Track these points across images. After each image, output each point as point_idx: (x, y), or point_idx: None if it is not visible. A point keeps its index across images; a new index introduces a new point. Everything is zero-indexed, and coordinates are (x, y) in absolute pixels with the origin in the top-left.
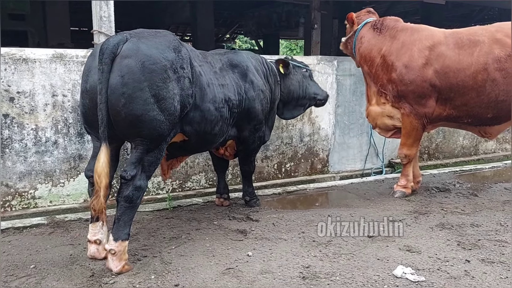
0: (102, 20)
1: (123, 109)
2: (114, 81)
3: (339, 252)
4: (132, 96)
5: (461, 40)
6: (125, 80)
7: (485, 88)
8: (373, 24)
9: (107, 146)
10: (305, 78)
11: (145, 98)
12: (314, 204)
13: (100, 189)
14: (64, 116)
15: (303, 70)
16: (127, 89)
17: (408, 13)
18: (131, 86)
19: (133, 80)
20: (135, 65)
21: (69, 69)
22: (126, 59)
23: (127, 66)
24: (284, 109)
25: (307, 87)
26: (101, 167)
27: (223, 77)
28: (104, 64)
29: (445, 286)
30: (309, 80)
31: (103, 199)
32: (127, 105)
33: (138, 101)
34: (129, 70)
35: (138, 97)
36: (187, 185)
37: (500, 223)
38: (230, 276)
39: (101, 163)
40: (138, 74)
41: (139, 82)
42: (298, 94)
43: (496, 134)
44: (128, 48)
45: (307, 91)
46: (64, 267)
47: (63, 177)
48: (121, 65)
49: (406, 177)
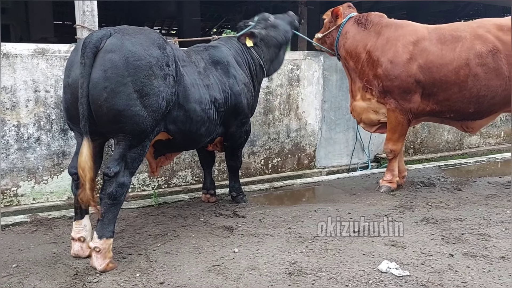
0: (85, 14)
1: (105, 103)
2: (97, 75)
3: (325, 247)
4: (114, 90)
5: (444, 36)
6: (107, 74)
7: (467, 83)
8: (357, 19)
9: (89, 139)
10: (272, 27)
11: (128, 93)
12: (300, 200)
13: (86, 182)
14: (47, 112)
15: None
16: (109, 83)
17: (394, 8)
18: (113, 81)
19: (116, 74)
20: (119, 60)
21: (51, 65)
22: (110, 54)
23: (111, 61)
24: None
25: (280, 55)
26: (84, 161)
27: (207, 77)
28: (86, 58)
29: (429, 280)
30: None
31: (90, 192)
32: (109, 99)
33: (120, 95)
34: (112, 65)
35: (120, 92)
36: (173, 181)
37: (483, 217)
38: (216, 273)
39: (83, 157)
40: (121, 69)
41: (122, 77)
42: (273, 66)
43: (478, 129)
44: (112, 43)
45: (279, 58)
46: (47, 266)
47: (46, 174)
48: (104, 59)
49: (392, 172)
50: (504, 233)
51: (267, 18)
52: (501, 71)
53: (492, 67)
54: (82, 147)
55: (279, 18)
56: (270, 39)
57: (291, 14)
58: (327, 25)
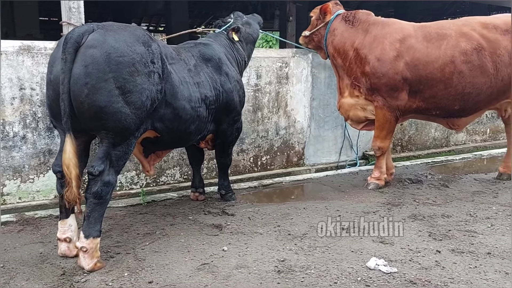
0: (71, 11)
1: (86, 99)
2: (78, 71)
3: (314, 245)
4: (95, 86)
5: (430, 34)
6: (88, 70)
7: (452, 80)
8: (345, 16)
9: (72, 136)
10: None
11: (110, 89)
12: (289, 197)
13: (71, 179)
14: (33, 110)
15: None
16: (90, 79)
17: (382, 6)
18: (94, 77)
19: (97, 70)
20: (100, 55)
21: (37, 62)
22: (91, 49)
23: (92, 56)
24: None
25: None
26: (68, 158)
27: (197, 75)
28: (67, 54)
29: (416, 276)
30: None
31: (76, 189)
32: (90, 95)
33: (101, 92)
34: (93, 60)
35: (101, 88)
36: (161, 179)
37: (469, 214)
38: (205, 272)
39: (67, 154)
40: (103, 64)
41: (103, 73)
42: (251, 40)
43: (463, 126)
44: (93, 38)
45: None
46: (34, 266)
47: (32, 173)
48: (85, 55)
49: (380, 169)
50: (490, 229)
51: (242, 16)
52: (485, 68)
53: (477, 64)
54: (65, 144)
55: (249, 17)
56: (247, 35)
57: (256, 15)
58: (315, 22)
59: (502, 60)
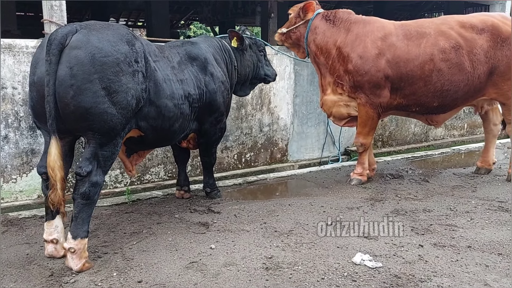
0: (53, 9)
1: (72, 101)
2: (63, 73)
3: (300, 241)
4: (81, 88)
5: (410, 32)
6: (73, 71)
7: (431, 78)
8: (325, 15)
9: (57, 138)
10: (259, 61)
11: (95, 90)
12: (274, 194)
13: (56, 182)
14: (15, 110)
15: (259, 51)
16: (75, 80)
17: (362, 2)
18: (80, 78)
19: (82, 71)
20: (85, 56)
21: (18, 60)
22: (75, 50)
23: (76, 58)
24: (238, 88)
25: (260, 69)
26: (53, 160)
27: (181, 72)
28: (52, 55)
29: (401, 271)
30: (263, 61)
31: (61, 192)
32: (76, 97)
33: (87, 93)
34: (78, 62)
35: (87, 89)
36: (145, 177)
37: (450, 208)
38: (194, 270)
39: (52, 156)
40: (87, 65)
41: (88, 74)
42: (252, 75)
43: (441, 122)
44: (77, 39)
45: (260, 72)
46: (21, 267)
47: (15, 173)
48: (69, 56)
49: (362, 165)
50: (470, 223)
51: (264, 52)
52: (463, 66)
53: (455, 62)
54: (50, 146)
55: (266, 66)
56: (246, 60)
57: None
58: (293, 20)
59: (478, 58)
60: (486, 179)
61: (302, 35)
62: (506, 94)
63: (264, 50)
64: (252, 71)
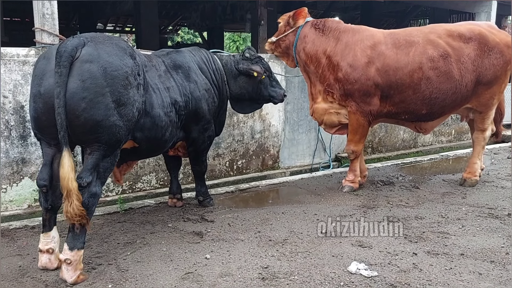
0: (45, 17)
1: (83, 113)
2: (74, 85)
3: (295, 250)
4: (93, 101)
5: (398, 40)
6: (86, 84)
7: (420, 86)
8: (314, 24)
9: (69, 150)
10: (261, 82)
11: (107, 103)
12: (267, 202)
13: (73, 193)
14: (5, 119)
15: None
16: (88, 93)
17: (349, 8)
18: (92, 91)
19: (95, 85)
20: (97, 70)
21: (9, 69)
22: (87, 64)
23: (89, 71)
24: (235, 104)
25: (262, 90)
26: (66, 172)
27: (168, 80)
28: (62, 67)
29: (396, 280)
30: (268, 81)
31: (79, 203)
32: (88, 109)
33: (99, 106)
34: (91, 75)
35: (99, 102)
36: (137, 186)
37: (441, 215)
38: (190, 281)
39: (66, 168)
40: (100, 79)
41: (101, 87)
42: (251, 96)
43: (430, 130)
44: (88, 52)
45: (261, 93)
46: (14, 280)
47: (5, 182)
48: (81, 69)
49: (354, 172)
50: (462, 230)
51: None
52: (451, 74)
53: (443, 70)
54: (62, 158)
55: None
56: (242, 83)
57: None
58: (282, 28)
59: (466, 67)
60: (475, 186)
61: (292, 43)
62: (486, 104)
63: (270, 71)
64: (252, 92)
